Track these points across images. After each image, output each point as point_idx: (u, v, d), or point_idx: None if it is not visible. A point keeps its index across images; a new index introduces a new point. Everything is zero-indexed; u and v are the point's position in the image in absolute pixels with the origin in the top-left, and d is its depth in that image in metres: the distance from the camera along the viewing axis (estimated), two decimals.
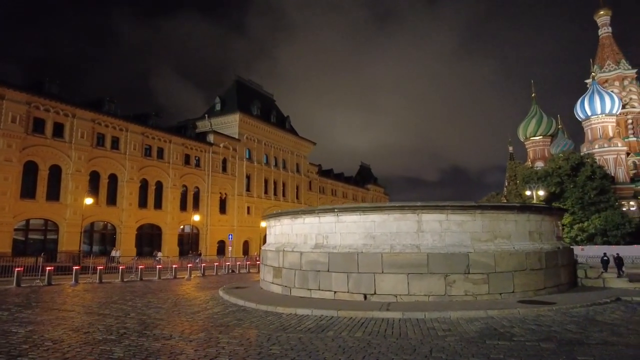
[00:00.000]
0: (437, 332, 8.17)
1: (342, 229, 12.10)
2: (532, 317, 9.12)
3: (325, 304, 10.85)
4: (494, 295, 10.85)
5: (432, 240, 11.22)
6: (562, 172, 50.12)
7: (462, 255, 10.92)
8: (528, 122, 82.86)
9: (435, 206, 11.43)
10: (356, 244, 11.74)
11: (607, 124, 66.01)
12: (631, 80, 75.73)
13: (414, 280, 10.92)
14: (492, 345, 7.01)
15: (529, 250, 11.50)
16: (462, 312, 9.39)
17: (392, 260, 11.12)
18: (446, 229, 11.24)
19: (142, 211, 42.33)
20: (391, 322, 9.19)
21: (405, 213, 11.41)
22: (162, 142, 45.41)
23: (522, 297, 11.05)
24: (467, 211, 11.30)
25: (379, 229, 11.60)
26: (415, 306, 10.14)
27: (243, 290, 14.81)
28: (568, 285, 12.55)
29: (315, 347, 7.16)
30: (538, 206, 12.17)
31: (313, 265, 12.24)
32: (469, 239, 11.22)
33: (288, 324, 9.37)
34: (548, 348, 6.69)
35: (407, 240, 11.32)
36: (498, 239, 11.40)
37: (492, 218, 11.44)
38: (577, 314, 9.45)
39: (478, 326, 8.50)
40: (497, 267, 10.98)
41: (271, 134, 60.69)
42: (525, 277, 11.25)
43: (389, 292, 11.02)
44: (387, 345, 7.19)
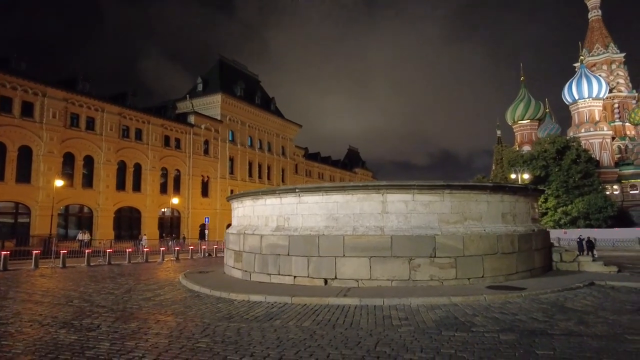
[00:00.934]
0: (393, 321, 7.47)
1: (303, 210, 11.29)
2: (498, 305, 8.46)
3: (281, 290, 10.11)
4: (461, 280, 10.19)
5: (397, 222, 10.47)
6: (548, 155, 49.82)
7: (428, 238, 10.20)
8: (516, 106, 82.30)
9: (401, 186, 10.65)
10: (318, 226, 10.96)
11: (593, 108, 65.72)
12: (619, 64, 75.35)
13: (376, 264, 10.19)
14: (447, 337, 6.31)
15: (501, 233, 10.82)
16: (424, 299, 8.70)
17: (355, 243, 10.36)
18: (412, 210, 10.49)
19: (120, 194, 41.19)
20: (346, 309, 8.47)
21: (370, 193, 10.62)
22: (140, 123, 44.02)
23: (493, 282, 10.41)
24: (434, 191, 10.54)
25: (342, 210, 10.81)
26: (375, 292, 9.44)
27: (204, 275, 14.03)
28: (542, 269, 11.96)
29: (250, 339, 6.40)
30: (512, 186, 11.46)
31: (273, 249, 11.46)
32: (436, 220, 10.49)
33: (236, 312, 8.63)
34: (507, 340, 6.01)
35: (371, 222, 10.56)
36: (468, 220, 10.68)
37: (462, 199, 10.70)
38: (547, 300, 8.83)
39: (438, 314, 7.82)
40: (466, 251, 10.30)
41: (255, 116, 59.33)
42: (496, 261, 10.59)
43: (351, 276, 10.31)
44: (332, 337, 6.45)
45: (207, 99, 54.93)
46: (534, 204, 12.71)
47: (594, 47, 76.79)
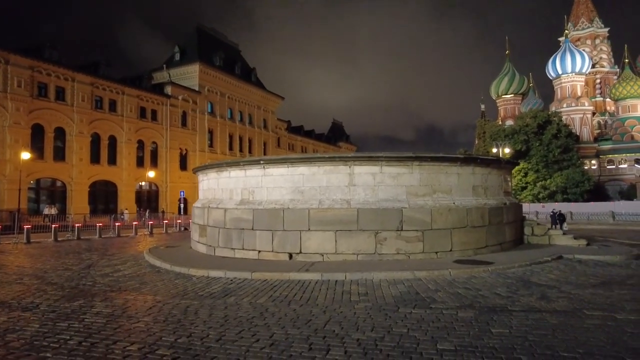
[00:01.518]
0: (351, 296, 7.16)
1: (268, 183, 10.79)
2: (463, 279, 8.22)
3: (244, 265, 9.72)
4: (429, 254, 9.94)
5: (364, 194, 10.07)
6: (529, 129, 49.97)
7: (395, 211, 9.85)
8: (500, 80, 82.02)
9: (369, 157, 10.20)
10: (283, 200, 10.50)
11: (576, 83, 65.84)
12: (602, 39, 75.28)
13: (342, 238, 9.85)
14: (403, 314, 6.01)
15: (471, 206, 10.54)
16: (387, 273, 8.41)
17: (320, 217, 9.97)
18: (380, 183, 10.09)
19: (94, 167, 39.97)
20: (306, 284, 8.13)
21: (337, 165, 10.15)
22: (114, 93, 42.34)
23: (461, 256, 10.19)
24: (403, 163, 10.13)
25: (307, 182, 10.34)
26: (339, 266, 9.12)
27: (170, 250, 13.56)
28: (513, 242, 11.81)
29: (194, 318, 6.00)
30: (484, 158, 11.13)
31: (237, 223, 11.00)
32: (404, 193, 10.13)
33: (192, 289, 8.22)
34: (464, 318, 5.73)
35: (338, 194, 10.14)
36: (437, 193, 10.35)
37: (432, 171, 10.33)
38: (513, 274, 8.63)
39: (400, 290, 7.54)
40: (434, 224, 10.01)
41: (236, 87, 57.70)
42: (466, 234, 10.35)
43: (316, 250, 9.96)
44: (283, 315, 6.10)
45: (184, 69, 53.10)
46: (507, 177, 12.45)
47: (579, 21, 76.32)
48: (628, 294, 6.89)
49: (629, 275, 8.53)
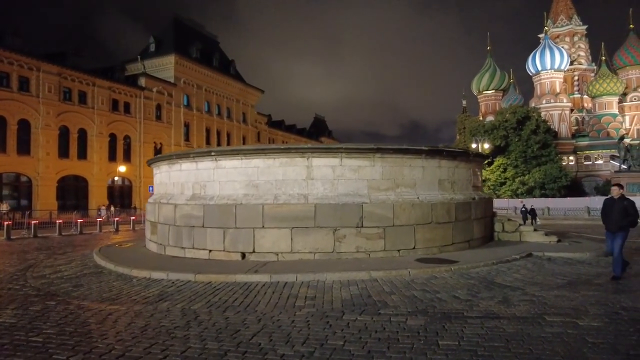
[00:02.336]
0: (297, 301, 6.46)
1: (221, 176, 10.00)
2: (422, 280, 7.61)
3: (191, 266, 8.95)
4: (390, 252, 9.31)
5: (322, 189, 9.38)
6: (508, 125, 50.08)
7: (355, 206, 9.19)
8: (482, 76, 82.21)
9: (328, 149, 9.52)
10: (236, 195, 9.73)
11: (555, 79, 66.36)
12: (581, 37, 75.98)
13: (298, 235, 9.14)
14: (346, 322, 5.34)
15: (437, 201, 9.95)
16: (341, 274, 7.74)
17: (275, 213, 9.23)
18: (340, 176, 9.40)
19: (63, 161, 38.43)
20: (252, 287, 7.41)
21: (294, 157, 9.42)
22: (84, 85, 40.80)
23: (425, 254, 9.60)
24: (364, 155, 9.46)
25: (262, 176, 9.59)
26: (293, 266, 8.42)
27: (122, 248, 12.68)
28: (482, 240, 11.28)
29: (107, 329, 5.22)
30: (451, 151, 10.55)
31: (187, 220, 10.19)
32: (365, 187, 9.47)
33: (127, 292, 7.43)
34: (413, 326, 5.09)
35: (295, 189, 9.42)
36: (400, 187, 9.72)
37: (395, 163, 9.69)
38: (477, 274, 8.05)
39: (352, 292, 6.87)
40: (397, 220, 9.38)
41: (213, 79, 56.35)
42: (430, 231, 9.76)
43: (270, 249, 9.23)
44: (210, 325, 5.37)
45: (159, 60, 51.59)
46: (477, 171, 11.91)
47: (558, 18, 76.91)
48: (593, 295, 6.36)
49: (597, 274, 8.05)
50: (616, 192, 7.80)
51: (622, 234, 7.54)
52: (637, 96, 63.91)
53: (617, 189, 7.87)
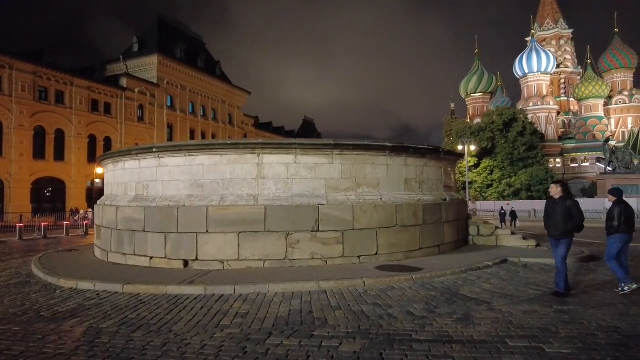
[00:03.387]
0: (224, 319, 5.50)
1: (164, 175, 9.01)
2: (376, 292, 6.68)
3: (126, 274, 7.93)
4: (350, 258, 8.39)
5: (275, 189, 8.43)
6: (495, 127, 49.68)
7: (311, 208, 8.26)
8: (470, 79, 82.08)
9: (280, 145, 8.58)
10: (180, 195, 8.75)
11: (542, 82, 66.34)
12: (567, 40, 76.31)
13: (246, 241, 8.18)
14: (267, 347, 4.40)
15: (402, 202, 9.05)
16: (286, 285, 6.79)
17: (221, 216, 8.26)
18: (294, 175, 8.46)
19: (38, 163, 37.06)
20: (182, 301, 6.43)
21: (243, 153, 8.47)
22: (61, 84, 39.50)
23: (389, 260, 8.69)
24: (321, 151, 8.54)
25: (208, 175, 8.62)
26: (237, 276, 7.46)
27: (67, 254, 11.61)
28: (455, 244, 10.41)
29: None
30: (419, 147, 9.67)
31: (129, 224, 9.17)
32: (323, 187, 8.55)
33: (40, 306, 6.45)
34: (344, 355, 4.16)
35: (244, 189, 8.46)
36: (362, 187, 8.81)
37: (356, 161, 8.78)
38: (442, 284, 7.15)
39: (292, 307, 5.93)
40: (357, 223, 8.47)
41: (198, 80, 55.26)
42: (395, 235, 8.85)
43: (215, 256, 8.26)
44: (106, 349, 4.41)
45: (142, 61, 50.44)
46: (449, 170, 11.04)
47: (545, 21, 77.17)
48: (568, 311, 5.49)
49: (575, 283, 7.21)
50: (555, 191, 6.58)
51: (566, 241, 6.39)
52: (622, 99, 64.09)
53: (555, 187, 6.63)
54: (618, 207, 6.50)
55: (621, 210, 6.44)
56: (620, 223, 6.39)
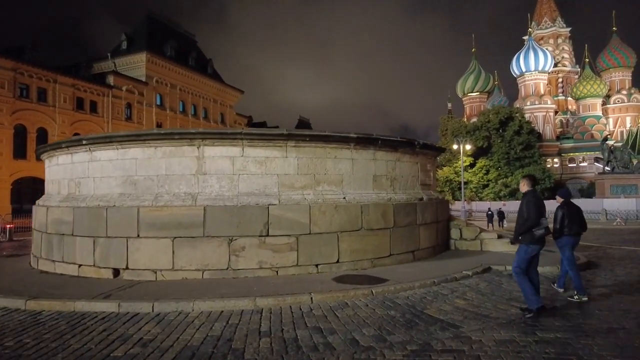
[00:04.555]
0: (118, 349, 4.32)
1: (96, 171, 7.83)
2: (323, 312, 5.48)
3: (41, 286, 6.76)
4: (305, 267, 7.21)
5: (218, 187, 7.25)
6: (491, 126, 48.53)
7: (259, 209, 7.07)
8: (466, 78, 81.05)
9: (223, 134, 7.41)
10: (112, 194, 7.57)
11: (539, 81, 65.29)
12: (564, 39, 75.25)
13: (182, 247, 6.99)
14: None
15: (369, 201, 7.87)
16: (215, 303, 5.61)
17: (153, 218, 7.08)
18: (241, 170, 7.28)
19: (19, 163, 35.82)
20: (86, 321, 5.24)
21: (180, 145, 7.28)
22: (44, 81, 38.31)
23: (352, 268, 7.52)
24: (273, 143, 7.36)
25: (142, 170, 7.43)
26: (165, 289, 6.28)
27: (3, 260, 10.42)
28: (432, 249, 9.22)
29: None
30: (390, 140, 8.45)
31: (58, 226, 7.99)
32: (275, 184, 7.37)
33: None
34: None
35: (182, 187, 7.28)
36: (322, 185, 7.64)
37: (315, 154, 7.60)
38: (406, 301, 5.96)
39: (211, 332, 4.74)
40: (314, 227, 7.29)
41: (189, 79, 54.08)
42: (360, 240, 7.67)
43: (147, 265, 7.07)
44: None
45: (131, 58, 49.24)
46: (428, 166, 9.84)
47: (542, 20, 76.13)
48: (552, 340, 4.30)
49: (566, 298, 6.03)
50: (521, 186, 5.68)
51: (521, 247, 5.37)
52: (620, 98, 63.05)
53: (521, 181, 5.71)
54: (561, 210, 6.29)
55: (564, 213, 6.24)
56: (563, 225, 6.20)
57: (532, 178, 5.73)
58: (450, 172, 49.73)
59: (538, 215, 5.18)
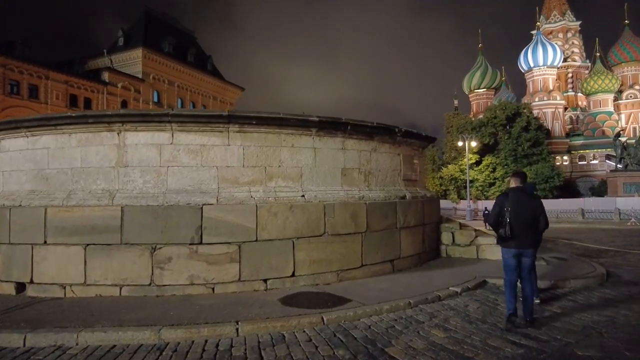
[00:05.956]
0: None
1: (4, 164, 6.48)
2: (245, 351, 4.02)
3: None
4: (250, 283, 5.77)
5: (142, 182, 5.85)
6: (498, 122, 46.71)
7: (190, 210, 5.65)
8: (473, 74, 79.12)
9: (147, 115, 6.01)
10: (21, 191, 6.21)
11: (548, 76, 63.20)
12: (574, 33, 73.07)
13: (96, 257, 5.60)
14: None
15: (335, 200, 6.41)
16: (106, 334, 4.20)
17: (63, 220, 5.69)
18: (171, 161, 5.87)
19: None
20: None
21: (97, 131, 5.89)
22: (35, 78, 37.57)
23: (312, 283, 6.07)
24: (211, 127, 5.93)
25: (55, 162, 6.06)
26: (70, 309, 4.92)
27: None
28: (418, 257, 7.73)
29: None
30: (363, 125, 6.89)
31: None
32: (214, 179, 5.95)
33: None
34: None
35: (100, 182, 5.89)
36: (275, 180, 6.20)
37: (266, 142, 6.16)
38: (365, 333, 4.48)
39: None
40: (263, 232, 5.85)
41: (187, 75, 53.20)
42: (322, 248, 6.22)
43: (55, 279, 5.69)
44: None
45: (127, 55, 48.43)
46: (414, 158, 8.31)
47: (551, 14, 74.00)
48: None
49: (584, 334, 4.53)
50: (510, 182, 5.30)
51: None
52: (633, 93, 60.75)
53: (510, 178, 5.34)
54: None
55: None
56: None
57: (517, 174, 5.27)
58: (455, 170, 48.02)
59: (497, 214, 4.84)
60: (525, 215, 4.70)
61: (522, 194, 4.89)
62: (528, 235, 4.74)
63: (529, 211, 4.72)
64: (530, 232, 4.75)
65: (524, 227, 4.69)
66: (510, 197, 4.80)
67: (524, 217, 4.68)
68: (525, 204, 4.74)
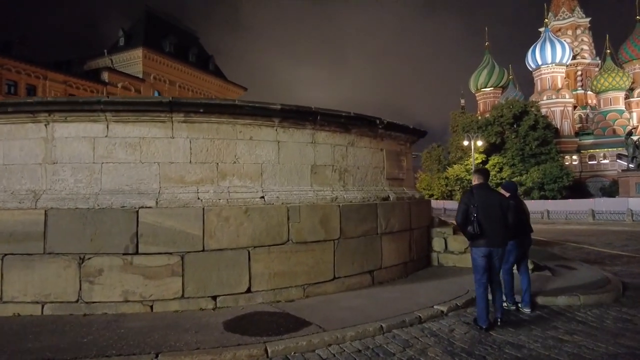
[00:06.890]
0: None
1: None
2: None
3: None
4: (196, 300, 4.89)
5: (73, 181, 5.01)
6: (504, 120, 45.48)
7: (124, 214, 4.80)
8: (479, 73, 77.84)
9: (76, 104, 5.15)
10: None
11: (556, 74, 61.77)
12: (584, 30, 71.52)
13: (14, 268, 4.77)
14: None
15: (302, 202, 5.50)
16: None
17: None
18: (105, 158, 5.03)
19: None
20: None
21: (21, 122, 5.07)
22: (32, 78, 37.28)
23: (272, 300, 5.18)
24: (151, 116, 5.07)
25: None
26: None
27: None
28: (403, 267, 6.79)
29: None
30: (337, 114, 5.99)
31: None
32: (156, 177, 5.09)
33: None
34: None
35: (25, 181, 5.07)
36: (230, 178, 5.32)
37: (219, 134, 5.28)
38: None
39: None
40: (211, 240, 4.97)
41: (189, 75, 52.89)
42: (285, 258, 5.32)
43: None
44: None
45: (128, 55, 48.19)
46: (400, 155, 7.37)
47: (559, 10, 72.49)
48: None
49: None
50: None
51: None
52: None
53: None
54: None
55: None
56: None
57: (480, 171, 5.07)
58: (461, 170, 46.84)
59: (464, 211, 4.62)
60: (494, 211, 4.54)
61: (488, 190, 4.81)
62: (498, 231, 4.53)
63: (497, 206, 4.58)
64: (500, 229, 4.54)
65: (493, 223, 4.50)
66: (476, 193, 4.63)
67: (492, 213, 4.53)
68: (492, 199, 4.63)
